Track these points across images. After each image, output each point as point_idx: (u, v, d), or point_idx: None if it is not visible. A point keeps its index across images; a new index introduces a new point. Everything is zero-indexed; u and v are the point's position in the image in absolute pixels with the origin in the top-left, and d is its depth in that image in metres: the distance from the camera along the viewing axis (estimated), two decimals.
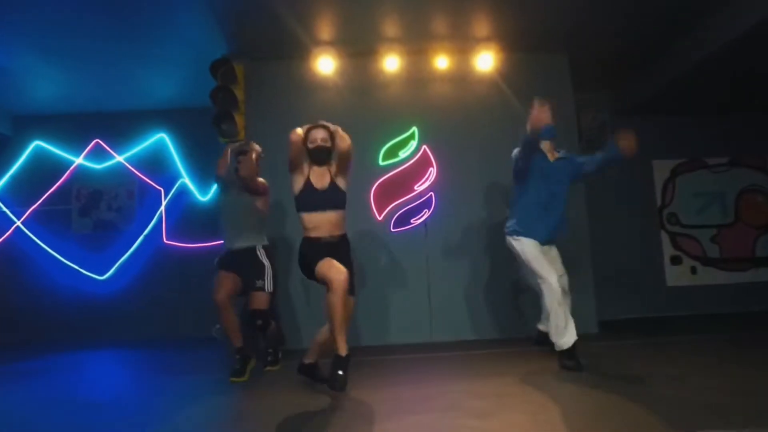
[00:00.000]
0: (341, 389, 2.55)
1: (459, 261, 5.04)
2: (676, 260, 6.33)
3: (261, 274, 3.67)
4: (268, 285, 3.67)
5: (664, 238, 6.38)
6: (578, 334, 3.30)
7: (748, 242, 6.37)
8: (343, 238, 2.96)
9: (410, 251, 5.01)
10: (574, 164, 3.73)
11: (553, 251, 3.70)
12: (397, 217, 5.04)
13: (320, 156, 2.94)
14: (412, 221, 5.05)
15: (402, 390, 2.96)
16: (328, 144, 2.95)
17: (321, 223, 2.86)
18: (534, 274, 3.44)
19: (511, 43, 5.22)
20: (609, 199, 6.28)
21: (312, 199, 2.88)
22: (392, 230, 5.01)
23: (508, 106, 5.24)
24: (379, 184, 5.06)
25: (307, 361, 3.05)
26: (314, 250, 2.82)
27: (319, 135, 2.95)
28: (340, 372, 2.53)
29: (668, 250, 6.35)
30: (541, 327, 3.83)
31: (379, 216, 5.04)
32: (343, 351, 2.56)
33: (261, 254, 3.76)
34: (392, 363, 3.89)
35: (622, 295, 6.12)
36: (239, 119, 4.96)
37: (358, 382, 3.14)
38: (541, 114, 3.38)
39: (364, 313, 4.80)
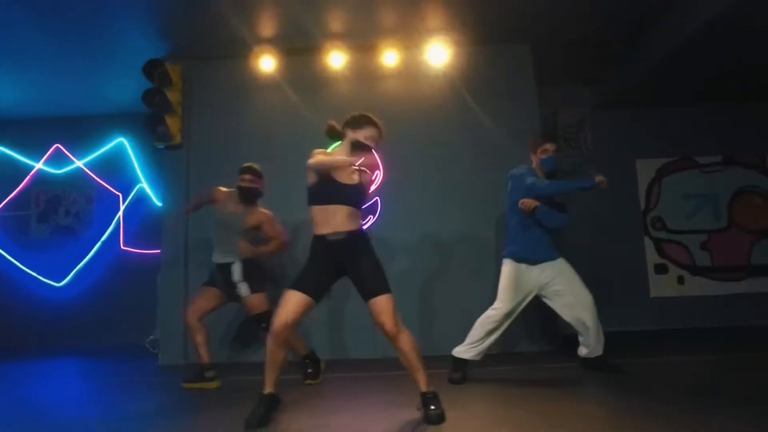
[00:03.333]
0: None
1: (407, 272, 4.68)
2: (661, 269, 5.78)
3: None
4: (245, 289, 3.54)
5: (648, 244, 5.84)
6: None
7: (743, 249, 5.76)
8: None
9: None
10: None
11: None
12: None
13: None
14: None
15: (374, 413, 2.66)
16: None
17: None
18: None
19: (466, 34, 4.86)
20: (589, 202, 5.79)
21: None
22: None
23: (463, 103, 4.88)
24: None
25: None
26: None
27: None
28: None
29: (652, 258, 5.81)
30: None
31: None
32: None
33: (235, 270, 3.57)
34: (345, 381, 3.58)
35: (598, 306, 5.62)
36: (173, 122, 4.76)
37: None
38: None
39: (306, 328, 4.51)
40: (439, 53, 4.86)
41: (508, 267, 3.43)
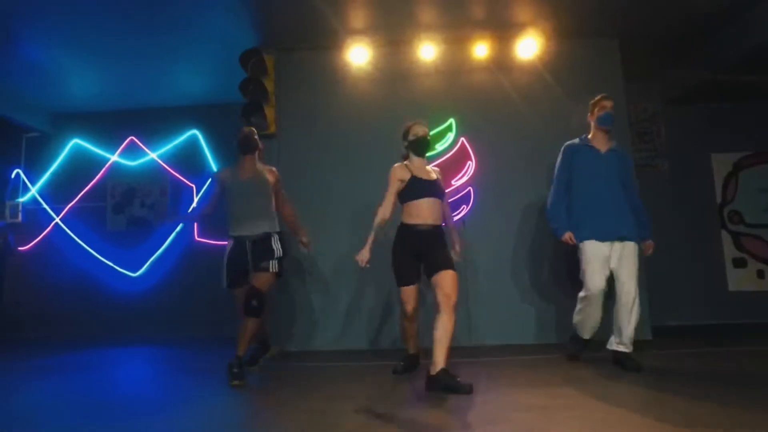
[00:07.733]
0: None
1: (499, 260, 4.73)
2: (739, 263, 5.78)
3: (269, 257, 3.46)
4: (273, 266, 3.46)
5: (726, 238, 5.84)
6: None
7: None
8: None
9: None
10: (625, 163, 3.64)
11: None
12: None
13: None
14: None
15: (436, 400, 2.68)
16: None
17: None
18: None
19: (556, 27, 4.89)
20: (664, 196, 5.81)
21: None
22: None
23: (551, 96, 4.92)
24: None
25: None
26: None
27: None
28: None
29: (730, 252, 5.81)
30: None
31: None
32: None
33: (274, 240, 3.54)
34: (425, 369, 3.61)
35: (678, 300, 5.65)
36: (269, 112, 4.81)
37: (383, 391, 2.90)
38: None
39: (398, 315, 4.54)
40: (529, 46, 4.89)
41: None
